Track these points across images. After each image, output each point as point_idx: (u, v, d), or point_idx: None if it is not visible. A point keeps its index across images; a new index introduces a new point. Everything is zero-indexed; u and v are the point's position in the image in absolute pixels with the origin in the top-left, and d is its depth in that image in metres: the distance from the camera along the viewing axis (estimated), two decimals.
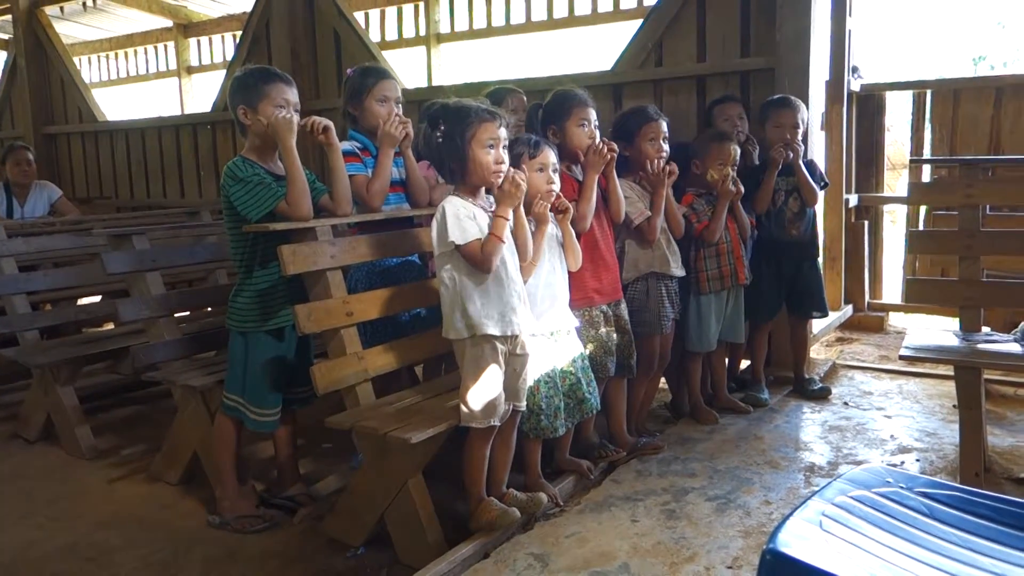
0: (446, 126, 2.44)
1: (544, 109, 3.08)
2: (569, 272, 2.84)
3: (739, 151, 3.51)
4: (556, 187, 2.73)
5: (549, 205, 2.64)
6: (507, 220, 2.44)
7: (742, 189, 3.49)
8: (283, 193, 2.67)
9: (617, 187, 3.06)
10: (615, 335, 3.06)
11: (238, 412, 2.84)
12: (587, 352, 2.93)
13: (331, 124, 2.78)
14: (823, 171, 3.97)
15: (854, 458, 3.19)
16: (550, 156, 2.73)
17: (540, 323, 2.70)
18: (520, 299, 2.53)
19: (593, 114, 3.00)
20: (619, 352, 3.09)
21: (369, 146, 3.11)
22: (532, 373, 2.67)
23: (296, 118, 2.72)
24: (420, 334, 2.99)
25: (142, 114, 7.96)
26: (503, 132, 2.48)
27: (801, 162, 3.73)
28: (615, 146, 2.98)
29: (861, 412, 3.73)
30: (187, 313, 4.01)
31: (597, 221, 3.02)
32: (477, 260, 2.41)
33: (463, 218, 2.40)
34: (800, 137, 3.73)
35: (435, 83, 6.10)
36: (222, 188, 2.71)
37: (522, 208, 2.53)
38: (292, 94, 2.74)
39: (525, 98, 3.74)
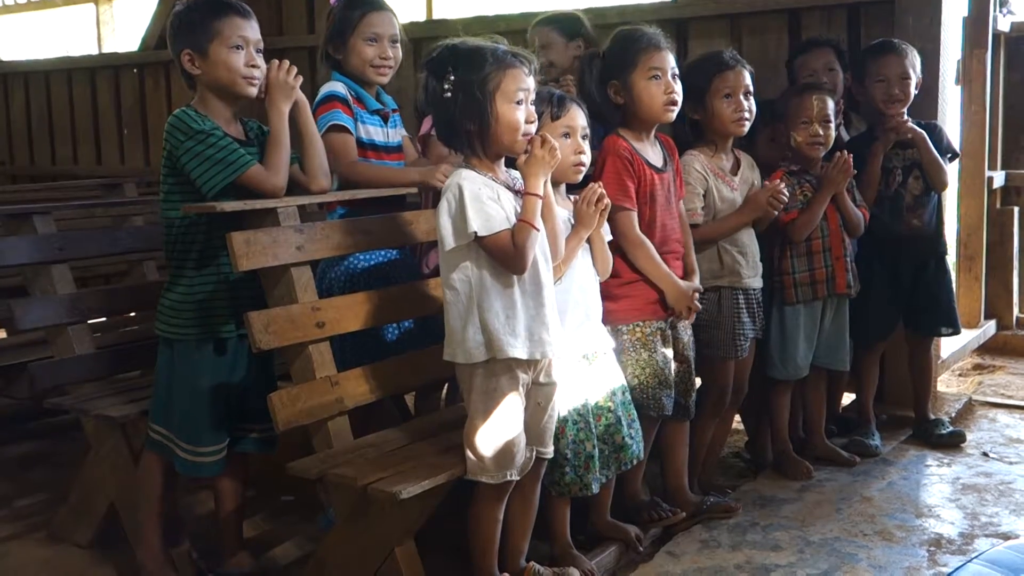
0: (458, 75, 2.44)
1: (603, 59, 3.08)
2: (619, 274, 2.86)
3: (832, 104, 3.49)
4: (587, 159, 2.75)
5: (599, 206, 2.65)
6: (540, 199, 2.44)
7: (852, 169, 3.48)
8: (255, 159, 2.72)
9: None
10: (672, 361, 3.07)
11: (164, 449, 2.87)
12: (635, 383, 2.95)
13: (295, 69, 2.81)
14: (950, 140, 3.94)
15: (996, 529, 3.17)
16: (579, 117, 2.75)
17: (573, 341, 2.71)
18: (554, 311, 2.54)
19: (670, 59, 3.00)
20: (675, 387, 3.09)
21: (363, 95, 3.17)
22: (557, 407, 2.67)
23: (260, 62, 2.76)
24: (412, 353, 3.00)
25: (46, 52, 8.03)
26: (532, 82, 2.50)
27: (913, 124, 3.70)
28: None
29: (1006, 466, 3.71)
30: (104, 319, 4.04)
31: (665, 201, 3.04)
32: (507, 256, 2.41)
33: (486, 200, 2.41)
34: (911, 93, 3.70)
35: (436, 16, 6.11)
36: (166, 144, 2.73)
37: (549, 184, 2.55)
38: (251, 29, 2.78)
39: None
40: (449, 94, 2.45)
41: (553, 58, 3.75)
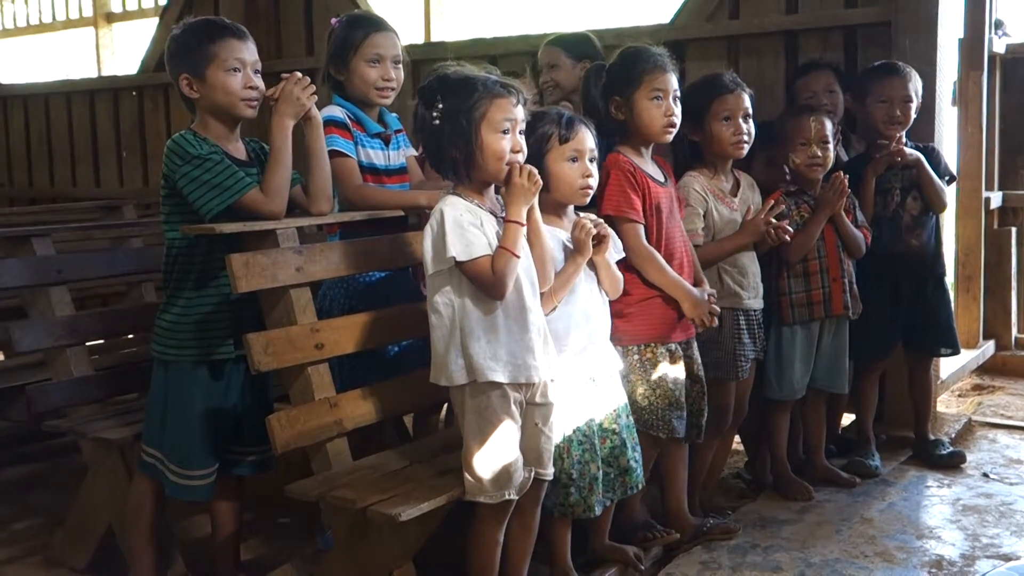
0: (445, 103, 2.46)
1: (607, 74, 3.10)
2: (631, 292, 2.86)
3: (830, 125, 3.51)
4: (594, 182, 2.76)
5: (591, 232, 2.66)
6: (522, 226, 2.46)
7: (848, 190, 3.49)
8: (254, 181, 2.72)
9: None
10: (683, 383, 3.07)
11: (156, 471, 2.86)
12: (645, 404, 2.96)
13: (313, 88, 2.82)
14: (947, 162, 3.97)
15: (997, 551, 3.15)
16: (587, 140, 2.75)
17: (575, 364, 2.71)
18: (541, 336, 2.54)
19: (672, 81, 3.02)
20: (688, 408, 3.09)
21: (363, 118, 3.16)
22: (561, 428, 2.68)
23: (258, 82, 2.76)
24: (412, 374, 3.00)
25: (46, 75, 8.06)
26: (520, 112, 2.51)
27: (908, 147, 3.72)
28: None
29: (1007, 487, 3.70)
30: (102, 341, 4.04)
31: (670, 213, 3.06)
32: (486, 282, 2.43)
33: (467, 226, 2.42)
34: (912, 117, 3.73)
35: (435, 38, 6.14)
36: (164, 167, 2.73)
37: (538, 211, 2.55)
38: (247, 50, 2.78)
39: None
40: (437, 122, 2.47)
41: (559, 78, 3.78)
